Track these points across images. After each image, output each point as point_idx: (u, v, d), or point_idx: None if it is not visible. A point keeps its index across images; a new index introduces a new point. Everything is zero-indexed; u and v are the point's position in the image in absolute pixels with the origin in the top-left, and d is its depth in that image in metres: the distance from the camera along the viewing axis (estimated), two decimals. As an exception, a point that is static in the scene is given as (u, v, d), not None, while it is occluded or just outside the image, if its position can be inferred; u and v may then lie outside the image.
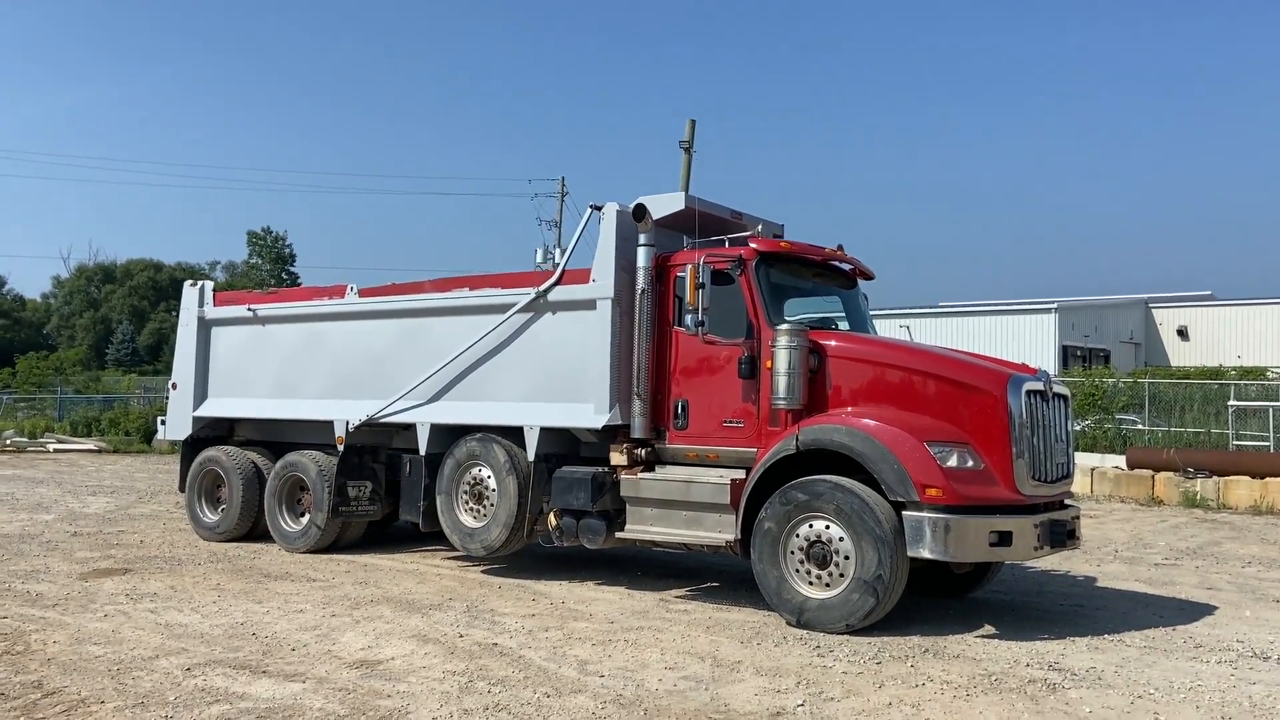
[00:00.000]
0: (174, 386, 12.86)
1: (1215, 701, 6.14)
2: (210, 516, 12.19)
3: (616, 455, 9.10)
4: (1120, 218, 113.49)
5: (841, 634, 7.61)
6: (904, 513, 7.59)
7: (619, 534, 9.13)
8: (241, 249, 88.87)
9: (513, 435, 9.75)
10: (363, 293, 11.27)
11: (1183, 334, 44.26)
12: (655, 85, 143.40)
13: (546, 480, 9.52)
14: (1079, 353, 38.61)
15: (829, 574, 7.78)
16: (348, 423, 10.82)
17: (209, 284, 13.04)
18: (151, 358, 62.38)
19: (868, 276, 10.17)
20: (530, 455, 9.57)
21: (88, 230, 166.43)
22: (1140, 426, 22.55)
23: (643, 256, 9.08)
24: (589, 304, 9.38)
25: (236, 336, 12.37)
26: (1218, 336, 42.56)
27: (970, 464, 7.72)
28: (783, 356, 8.16)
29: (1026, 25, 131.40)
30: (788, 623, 7.91)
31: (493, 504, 9.81)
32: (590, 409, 9.27)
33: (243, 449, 12.18)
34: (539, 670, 6.59)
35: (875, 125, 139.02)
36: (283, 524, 11.52)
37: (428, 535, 11.09)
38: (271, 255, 75.25)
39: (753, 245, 8.88)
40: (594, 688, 6.22)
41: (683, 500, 8.74)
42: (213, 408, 12.45)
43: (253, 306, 12.27)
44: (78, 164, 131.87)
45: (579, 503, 9.13)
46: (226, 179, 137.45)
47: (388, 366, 10.77)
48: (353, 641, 7.29)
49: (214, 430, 12.64)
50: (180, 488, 12.73)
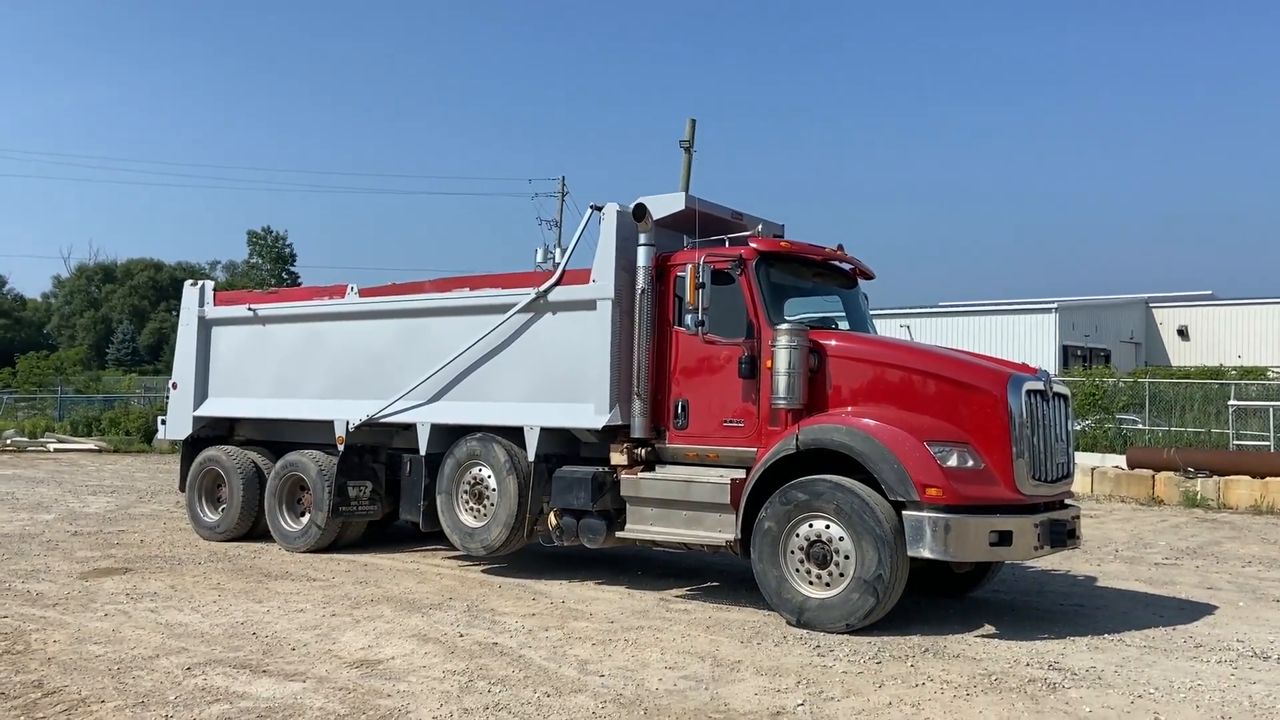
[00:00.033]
0: (174, 386, 12.87)
1: (1215, 701, 6.14)
2: (210, 516, 12.20)
3: (616, 455, 9.10)
4: (1120, 218, 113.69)
5: (841, 634, 7.61)
6: (904, 512, 7.59)
7: (619, 534, 9.14)
8: (242, 249, 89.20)
9: (513, 435, 9.76)
10: (363, 293, 11.28)
11: (1183, 334, 44.27)
12: (655, 85, 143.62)
13: (546, 480, 9.52)
14: (1079, 352, 38.61)
15: (829, 574, 7.78)
16: (348, 422, 10.83)
17: (209, 284, 13.06)
18: (152, 357, 62.45)
19: (868, 276, 10.17)
20: (530, 455, 9.57)
21: (88, 230, 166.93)
22: (1140, 426, 22.56)
23: (643, 256, 9.08)
24: (589, 304, 9.39)
25: (237, 336, 12.38)
26: (1218, 336, 42.56)
27: (970, 464, 7.73)
28: (783, 356, 8.16)
29: (1026, 25, 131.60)
30: (788, 622, 7.92)
31: (493, 504, 9.81)
32: (590, 409, 9.28)
33: (243, 449, 12.19)
34: (539, 670, 6.59)
35: (875, 125, 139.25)
36: (283, 523, 11.53)
37: (428, 535, 11.10)
38: (272, 255, 75.36)
39: (753, 245, 8.88)
40: (594, 687, 6.22)
41: (683, 500, 8.74)
42: (213, 407, 12.46)
43: (253, 306, 12.28)
44: (78, 163, 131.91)
45: (579, 502, 9.14)
46: (227, 179, 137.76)
47: (388, 366, 10.78)
48: (353, 641, 7.29)
49: (214, 430, 12.64)
50: (180, 487, 12.74)
